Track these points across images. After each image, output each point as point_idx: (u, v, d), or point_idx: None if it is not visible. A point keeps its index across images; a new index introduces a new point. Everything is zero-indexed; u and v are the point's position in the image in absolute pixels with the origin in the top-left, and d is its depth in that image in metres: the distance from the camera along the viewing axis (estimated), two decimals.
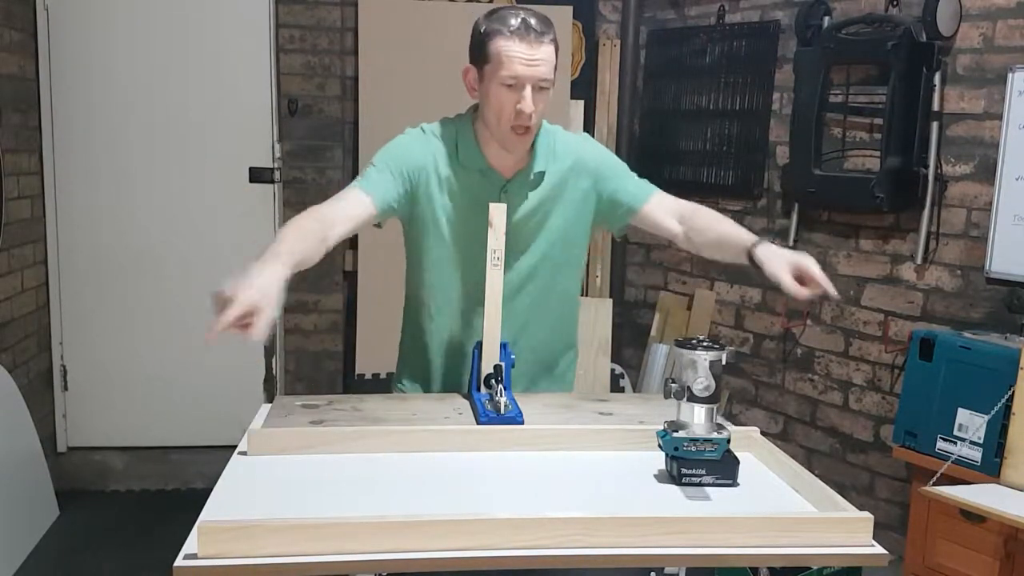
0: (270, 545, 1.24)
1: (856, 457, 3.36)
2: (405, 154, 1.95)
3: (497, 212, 1.87)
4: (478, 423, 1.81)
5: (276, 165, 3.88)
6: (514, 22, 1.78)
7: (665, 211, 2.00)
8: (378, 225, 1.98)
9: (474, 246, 1.90)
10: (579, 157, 2.00)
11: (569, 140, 2.02)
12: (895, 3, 3.13)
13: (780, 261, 1.74)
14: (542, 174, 1.95)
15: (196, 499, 1.38)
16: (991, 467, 2.50)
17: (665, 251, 4.14)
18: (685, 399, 1.55)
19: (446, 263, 1.99)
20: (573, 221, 2.01)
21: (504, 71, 1.79)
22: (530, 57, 1.78)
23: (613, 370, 3.97)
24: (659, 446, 1.58)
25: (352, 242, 3.97)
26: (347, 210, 1.90)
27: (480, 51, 1.83)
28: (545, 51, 1.79)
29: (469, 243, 1.93)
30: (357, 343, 3.92)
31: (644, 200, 2.00)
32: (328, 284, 4.00)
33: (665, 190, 1.92)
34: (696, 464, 1.55)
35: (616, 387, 4.01)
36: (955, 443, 2.65)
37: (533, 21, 1.79)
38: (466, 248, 1.95)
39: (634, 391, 4.05)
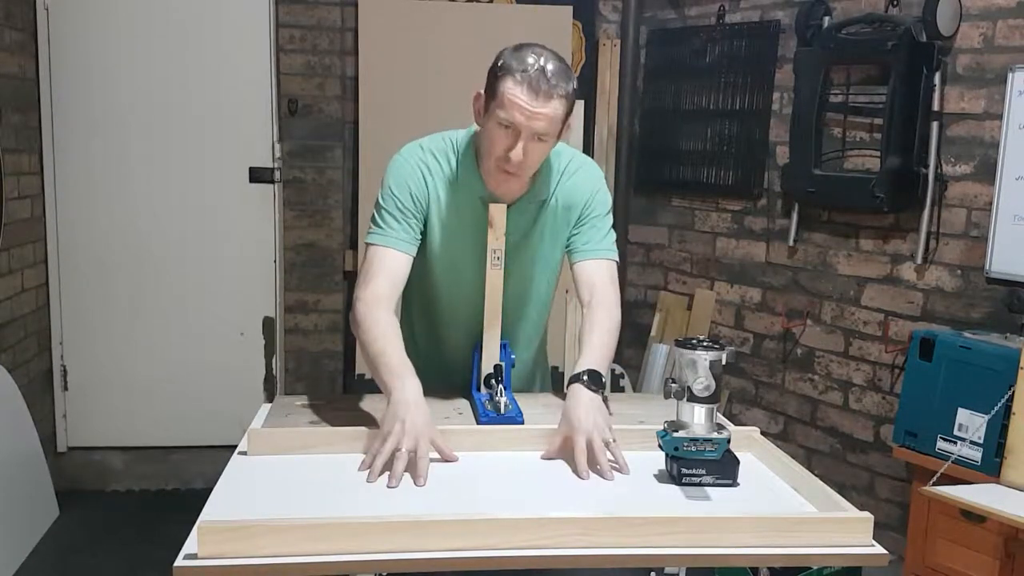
0: (270, 545, 1.24)
1: (856, 457, 3.36)
2: (409, 183, 1.90)
3: (497, 212, 1.87)
4: (478, 423, 1.81)
5: (276, 165, 3.88)
6: (530, 67, 1.71)
7: (586, 281, 1.94)
8: None
9: (473, 268, 1.89)
10: (577, 189, 1.96)
11: (574, 166, 1.97)
12: (895, 3, 3.13)
13: (564, 422, 1.68)
14: (543, 203, 1.93)
15: (196, 499, 1.38)
16: (991, 467, 2.50)
17: (665, 251, 4.14)
18: (685, 399, 1.55)
19: (446, 282, 1.98)
20: (558, 249, 2.00)
21: (503, 112, 1.73)
22: (532, 109, 1.71)
23: (613, 370, 3.97)
24: (659, 446, 1.58)
25: (352, 242, 3.97)
26: (398, 276, 1.88)
27: (491, 84, 1.77)
28: (552, 107, 1.72)
29: (468, 265, 1.91)
30: (357, 343, 3.92)
31: (583, 258, 1.96)
32: (328, 284, 4.00)
33: (665, 190, 1.91)
34: (696, 464, 1.55)
35: (616, 387, 4.01)
36: (955, 443, 2.65)
37: (550, 70, 1.71)
38: (466, 270, 1.92)
39: (634, 391, 4.05)
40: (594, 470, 1.60)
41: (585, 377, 1.75)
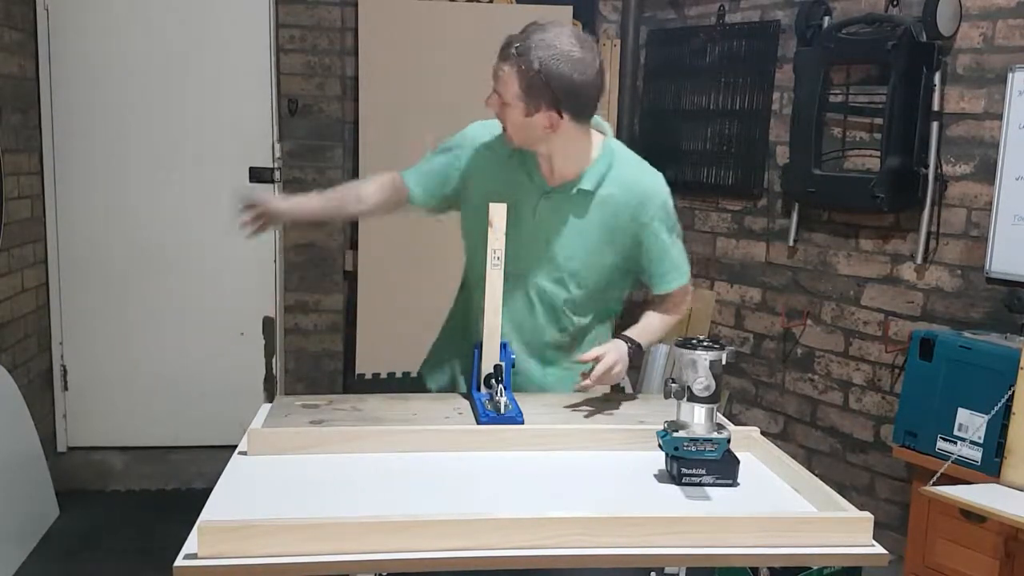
0: (270, 545, 1.25)
1: (856, 457, 3.36)
2: (466, 139, 2.06)
3: (497, 212, 1.88)
4: (478, 423, 1.81)
5: (276, 165, 3.88)
6: (511, 36, 1.87)
7: (658, 301, 2.12)
8: (440, 212, 2.14)
9: (508, 243, 1.97)
10: (635, 182, 1.99)
11: (635, 173, 2.01)
12: (895, 3, 3.13)
13: (606, 346, 1.96)
14: (587, 193, 1.96)
15: (196, 499, 1.38)
16: (991, 467, 2.50)
17: None
18: (685, 399, 1.55)
19: (482, 256, 2.03)
20: (609, 246, 2.01)
21: None
22: (496, 69, 1.88)
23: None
24: (659, 446, 1.58)
25: (352, 242, 3.97)
26: (383, 183, 2.10)
27: None
28: (504, 69, 1.85)
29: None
30: (357, 343, 3.92)
31: (660, 289, 2.09)
32: (328, 284, 4.00)
33: None
34: (696, 464, 1.55)
35: (616, 387, 4.00)
36: (955, 443, 2.65)
37: (519, 42, 1.84)
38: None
39: (634, 391, 4.05)
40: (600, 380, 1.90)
41: (630, 341, 1.99)
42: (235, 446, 1.68)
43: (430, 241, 3.91)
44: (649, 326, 2.09)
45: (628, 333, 2.02)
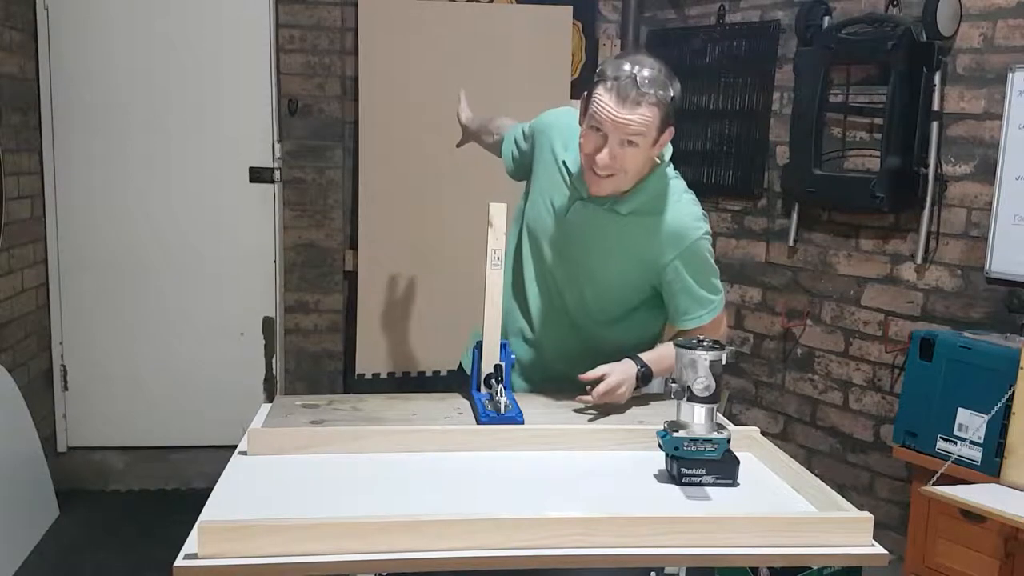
0: (270, 545, 1.25)
1: (856, 457, 3.36)
2: (550, 123, 2.10)
3: (497, 212, 1.88)
4: (478, 423, 1.81)
5: (276, 165, 3.88)
6: (620, 76, 1.78)
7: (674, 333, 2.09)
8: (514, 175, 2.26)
9: (539, 237, 2.06)
10: (671, 238, 1.98)
11: (674, 209, 2.00)
12: (895, 3, 3.13)
13: (611, 368, 1.95)
14: (616, 213, 1.96)
15: (196, 499, 1.39)
16: (991, 467, 2.50)
17: None
18: (685, 399, 1.55)
19: (522, 239, 2.12)
20: (633, 277, 2.01)
21: (593, 116, 1.82)
22: (617, 115, 1.78)
23: None
24: (659, 446, 1.58)
25: (352, 242, 3.97)
26: (486, 118, 2.40)
27: (590, 88, 1.86)
28: (639, 113, 1.78)
29: (537, 232, 2.07)
30: (357, 343, 3.92)
31: (678, 325, 2.05)
32: (328, 284, 4.00)
33: None
34: (696, 464, 1.55)
35: None
36: (955, 443, 2.65)
37: (640, 78, 1.77)
38: (535, 236, 2.08)
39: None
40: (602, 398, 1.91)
41: (641, 364, 1.97)
42: (235, 446, 1.68)
43: (430, 241, 3.91)
44: (666, 353, 2.00)
45: (642, 356, 2.00)
